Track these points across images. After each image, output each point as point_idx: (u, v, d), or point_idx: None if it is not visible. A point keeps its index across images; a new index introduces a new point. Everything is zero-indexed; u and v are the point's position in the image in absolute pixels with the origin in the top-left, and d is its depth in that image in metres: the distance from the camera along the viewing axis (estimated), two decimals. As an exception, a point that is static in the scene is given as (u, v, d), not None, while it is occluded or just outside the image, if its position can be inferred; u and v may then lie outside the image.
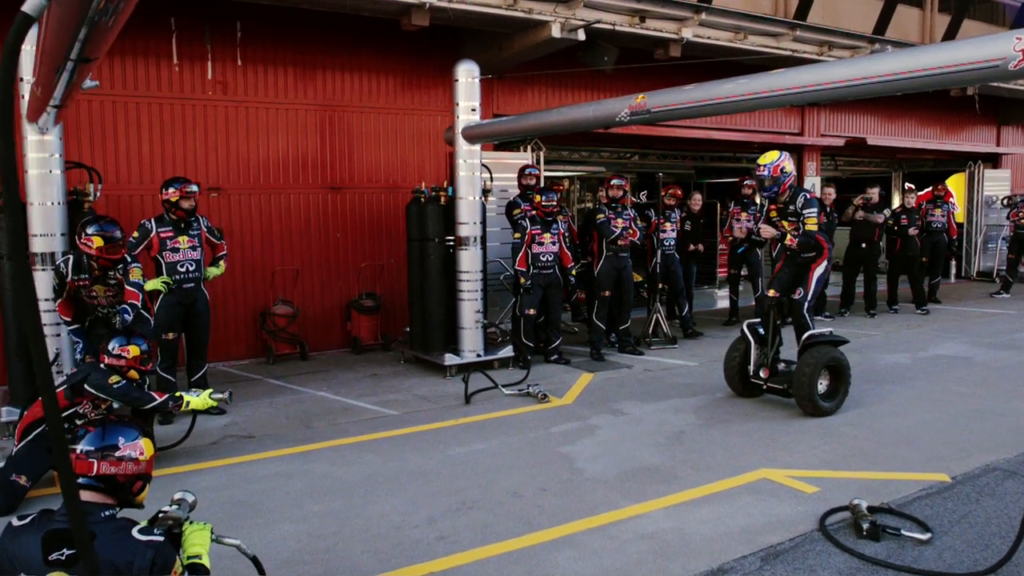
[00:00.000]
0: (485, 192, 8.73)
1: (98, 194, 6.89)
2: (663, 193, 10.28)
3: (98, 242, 5.65)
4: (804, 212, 6.57)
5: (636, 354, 9.33)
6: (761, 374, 6.94)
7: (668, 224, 10.10)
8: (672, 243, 10.19)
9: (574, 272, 8.95)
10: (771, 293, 6.91)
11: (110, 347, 5.38)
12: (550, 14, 8.80)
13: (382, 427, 6.60)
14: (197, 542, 2.91)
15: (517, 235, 8.65)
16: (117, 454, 2.70)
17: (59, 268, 5.79)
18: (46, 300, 6.04)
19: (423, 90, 10.32)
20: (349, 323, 9.97)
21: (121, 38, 8.35)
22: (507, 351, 8.75)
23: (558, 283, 8.81)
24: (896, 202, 18.42)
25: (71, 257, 5.80)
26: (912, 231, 12.16)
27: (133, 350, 5.40)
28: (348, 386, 8.07)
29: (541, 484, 5.22)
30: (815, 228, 6.56)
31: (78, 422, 5.29)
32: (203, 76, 8.95)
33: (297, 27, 9.27)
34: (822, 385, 6.66)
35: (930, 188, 13.10)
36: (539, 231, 8.58)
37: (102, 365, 5.36)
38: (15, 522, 2.59)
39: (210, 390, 5.61)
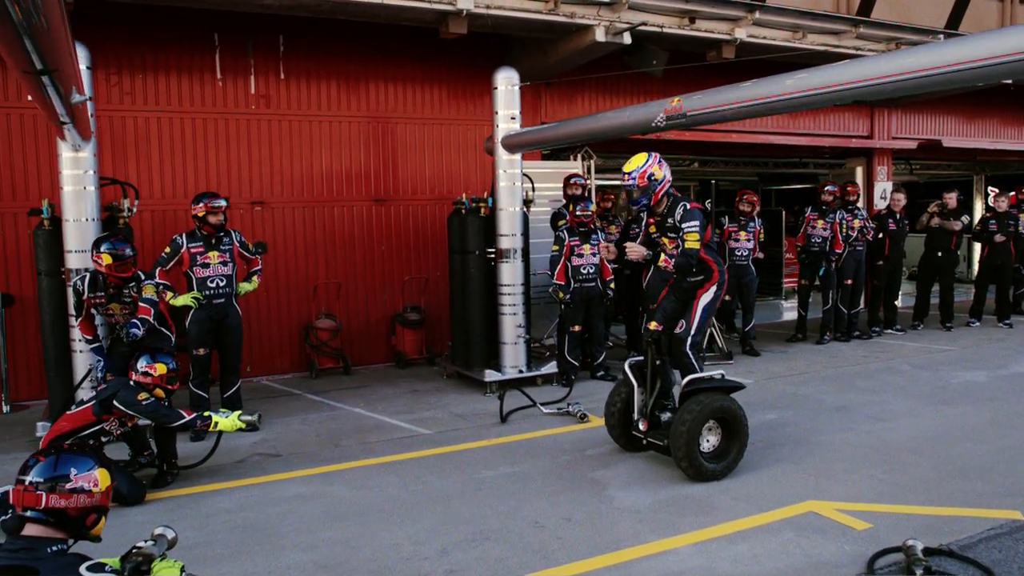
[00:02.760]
0: (527, 203, 8.47)
1: (134, 210, 6.90)
2: (737, 199, 9.83)
3: (107, 259, 5.62)
4: (683, 226, 5.40)
5: (688, 370, 8.88)
6: (640, 426, 5.67)
7: (744, 233, 9.63)
8: (746, 253, 9.70)
9: (612, 285, 8.56)
10: (652, 326, 5.68)
11: (138, 365, 5.34)
12: (593, 18, 8.49)
13: (411, 447, 6.38)
14: None
15: (555, 247, 8.34)
16: (68, 486, 2.54)
17: (76, 286, 5.78)
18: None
19: (469, 99, 10.13)
20: (394, 337, 9.83)
21: (165, 54, 8.49)
22: (550, 367, 8.45)
23: (600, 297, 8.45)
24: (978, 207, 17.40)
25: (87, 275, 5.79)
26: (999, 238, 11.34)
27: (160, 368, 5.35)
28: (386, 402, 7.89)
29: (566, 513, 4.90)
30: (697, 246, 5.35)
31: (104, 439, 5.26)
32: (246, 90, 8.96)
33: (339, 39, 9.20)
34: (708, 442, 5.41)
35: (1013, 192, 12.21)
36: (578, 242, 8.26)
37: (131, 382, 5.31)
38: None
39: (239, 412, 5.49)
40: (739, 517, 4.76)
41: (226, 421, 5.37)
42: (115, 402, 5.15)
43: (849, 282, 10.44)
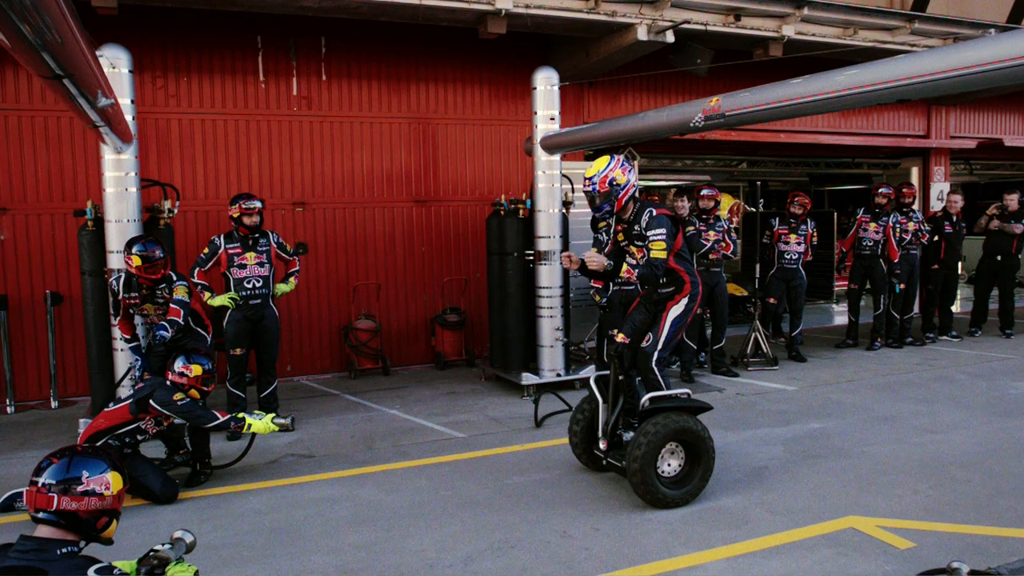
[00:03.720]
0: (566, 204, 8.37)
1: (175, 211, 6.99)
2: (788, 201, 9.58)
3: (136, 261, 5.69)
4: (649, 234, 4.98)
5: (730, 376, 8.69)
6: (600, 444, 5.29)
7: (794, 236, 9.37)
8: (796, 257, 9.43)
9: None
10: (619, 337, 5.30)
11: (175, 365, 5.39)
12: (635, 16, 8.34)
13: (444, 451, 6.33)
14: None
15: (594, 250, 8.19)
16: (80, 488, 2.53)
17: (112, 286, 5.86)
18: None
19: (510, 100, 10.07)
20: (433, 338, 9.82)
21: (209, 57, 8.61)
22: (589, 371, 8.32)
23: (641, 300, 8.28)
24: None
25: (122, 275, 5.87)
26: None
27: (195, 369, 5.39)
28: (422, 404, 7.87)
29: (595, 523, 4.79)
30: (663, 255, 4.94)
31: (139, 437, 5.32)
32: (288, 92, 9.03)
33: (379, 40, 9.22)
34: (670, 465, 4.99)
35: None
36: (620, 245, 8.10)
37: (167, 382, 5.36)
38: None
39: (273, 415, 5.48)
40: (774, 532, 4.60)
41: (259, 423, 5.38)
42: (151, 401, 5.20)
43: (902, 286, 10.08)
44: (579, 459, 5.61)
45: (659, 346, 5.17)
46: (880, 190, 10.06)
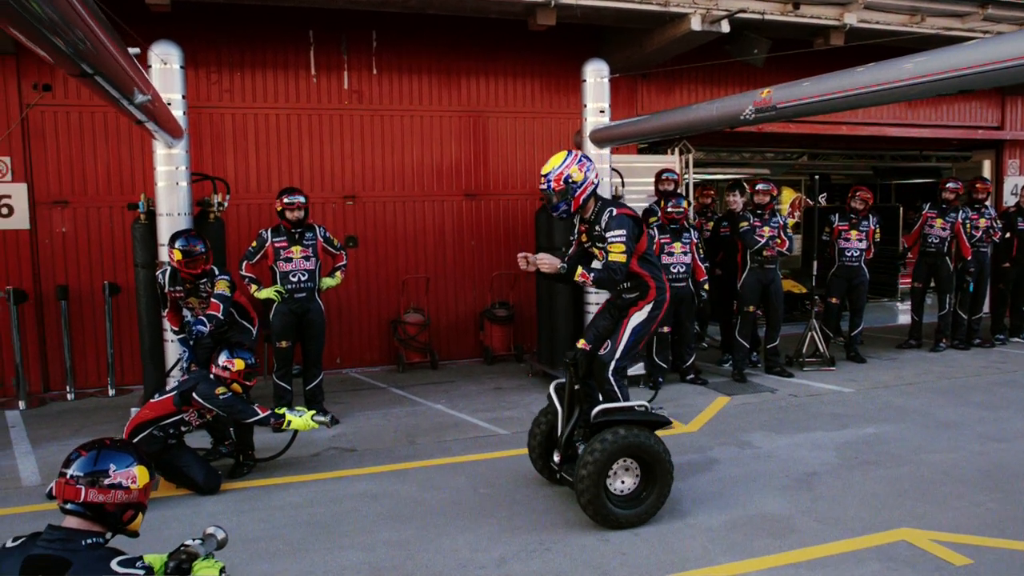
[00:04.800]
0: (616, 199, 8.20)
1: (225, 204, 7.08)
2: (848, 195, 9.25)
3: (177, 255, 5.76)
4: (607, 236, 4.62)
5: (784, 376, 8.43)
6: (555, 457, 4.97)
7: (855, 232, 9.04)
8: (858, 254, 9.09)
9: (706, 287, 8.16)
10: (580, 343, 4.98)
11: (219, 359, 5.44)
12: (688, 5, 8.11)
13: (486, 447, 6.28)
14: None
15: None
16: (107, 481, 2.56)
17: (158, 279, 5.96)
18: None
19: (562, 92, 9.94)
20: (482, 333, 9.78)
21: (262, 52, 8.71)
22: (638, 369, 8.17)
23: (691, 297, 8.09)
24: None
25: (168, 268, 5.96)
26: None
27: (238, 364, 5.43)
28: (468, 399, 7.83)
29: (634, 527, 4.67)
30: (622, 259, 4.56)
31: (183, 429, 5.39)
32: (339, 86, 9.08)
33: (430, 34, 9.19)
34: (623, 483, 4.63)
35: None
36: (668, 240, 7.93)
37: (211, 375, 5.42)
38: (8, 543, 2.52)
39: (313, 412, 5.49)
40: (821, 542, 4.41)
41: (299, 420, 5.39)
42: (194, 394, 5.27)
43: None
44: (538, 471, 5.30)
45: (617, 354, 4.80)
46: (947, 185, 9.62)
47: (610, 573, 4.09)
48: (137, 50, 3.91)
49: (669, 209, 7.93)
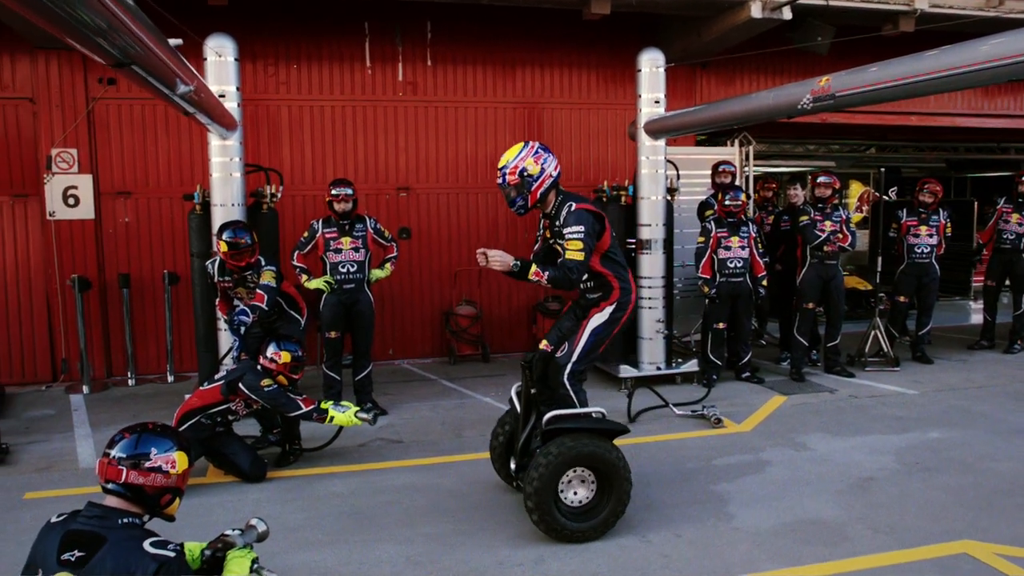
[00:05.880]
0: (671, 191, 8.03)
1: (278, 195, 7.17)
2: (917, 189, 8.87)
3: (223, 247, 5.82)
4: (565, 232, 4.33)
5: (845, 376, 8.12)
6: (511, 464, 4.77)
7: (924, 227, 8.66)
8: (928, 250, 8.71)
9: (764, 283, 7.92)
10: (542, 345, 4.71)
11: (267, 351, 5.48)
12: (748, -9, 7.87)
13: (531, 442, 6.20)
14: (234, 570, 2.82)
15: (701, 239, 7.83)
16: (147, 464, 2.63)
17: (207, 269, 6.04)
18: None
19: (618, 83, 9.77)
20: (534, 326, 9.70)
21: (318, 44, 8.78)
22: (692, 365, 8.00)
23: (748, 293, 7.86)
24: None
25: (217, 259, 6.03)
26: None
27: (284, 356, 5.46)
28: (517, 393, 7.76)
29: (677, 528, 4.54)
30: (580, 257, 4.27)
31: (230, 418, 5.46)
32: (394, 77, 9.10)
33: (485, 24, 9.13)
34: (576, 494, 4.39)
35: None
36: (725, 234, 7.71)
37: (258, 366, 5.47)
38: (53, 519, 2.61)
39: (357, 408, 5.46)
40: (875, 552, 4.21)
41: (342, 416, 5.39)
42: (240, 384, 5.32)
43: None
44: (502, 478, 5.09)
45: (573, 357, 4.52)
46: (1023, 178, 9.14)
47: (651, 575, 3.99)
48: (179, 41, 3.94)
49: (727, 202, 7.71)
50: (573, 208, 4.37)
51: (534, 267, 4.31)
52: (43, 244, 8.25)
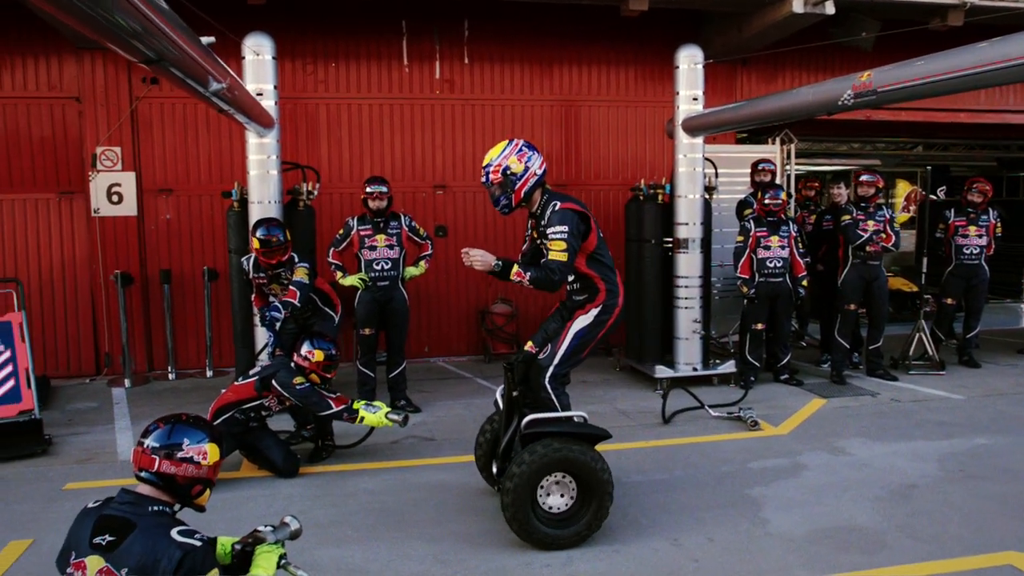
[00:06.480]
0: (709, 189, 7.92)
1: (315, 193, 7.22)
2: (965, 188, 8.64)
3: (255, 243, 5.86)
4: (548, 232, 4.22)
5: (887, 379, 7.93)
6: (493, 467, 4.67)
7: (974, 228, 8.42)
8: (977, 251, 8.46)
9: (805, 282, 7.75)
10: (527, 346, 4.60)
11: (301, 348, 5.51)
12: (790, -14, 7.71)
13: (563, 442, 6.15)
14: (261, 564, 2.83)
15: (740, 238, 7.70)
16: (179, 455, 2.67)
17: (242, 265, 6.10)
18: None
19: (656, 80, 9.67)
20: (570, 325, 9.63)
21: (355, 43, 8.83)
22: (729, 366, 7.88)
23: (788, 293, 7.71)
24: None
25: (252, 255, 6.09)
26: None
27: (318, 355, 5.48)
28: (551, 392, 7.71)
29: (710, 532, 4.47)
30: (562, 257, 4.17)
31: (264, 414, 5.51)
32: (431, 76, 9.11)
33: (522, 22, 9.10)
34: (558, 500, 4.29)
35: None
36: (765, 233, 7.57)
37: (292, 364, 5.51)
38: (90, 504, 2.66)
39: (388, 409, 5.47)
40: (914, 561, 4.09)
41: (373, 417, 5.39)
42: (273, 381, 5.36)
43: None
44: (486, 480, 4.98)
45: (555, 360, 4.40)
46: None
47: (679, 580, 3.92)
48: (211, 39, 3.97)
49: (766, 201, 7.57)
50: (557, 207, 4.26)
51: (515, 267, 4.21)
52: (88, 240, 8.43)
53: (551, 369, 4.40)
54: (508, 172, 4.27)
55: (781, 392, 7.58)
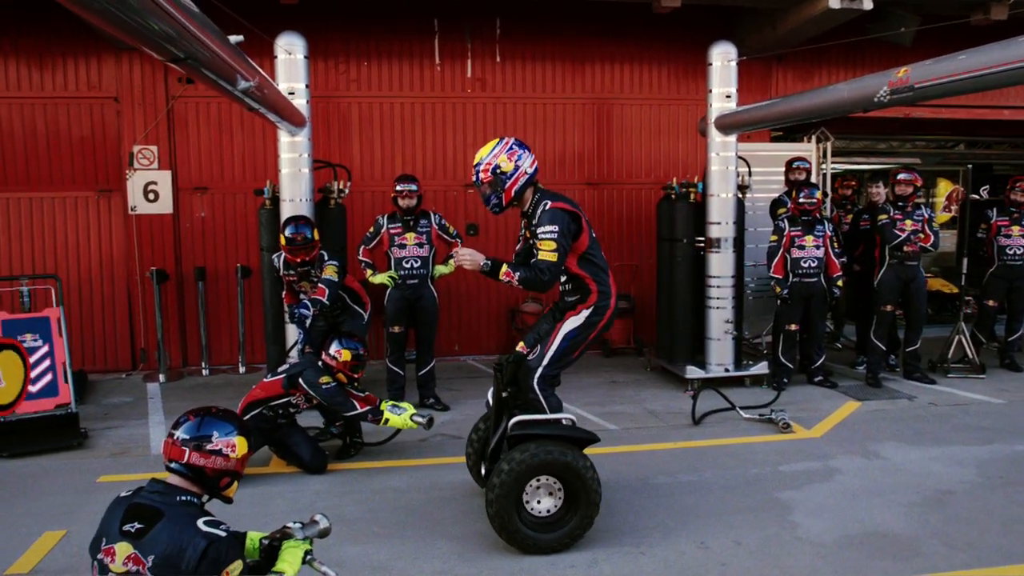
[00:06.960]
0: (742, 188, 7.81)
1: (346, 191, 7.27)
2: (1008, 187, 8.43)
3: (283, 241, 5.89)
4: (538, 232, 4.15)
5: (925, 382, 7.76)
6: (482, 468, 4.59)
7: (1017, 228, 8.21)
8: (1022, 252, 8.23)
9: (839, 283, 7.61)
10: (519, 346, 4.49)
11: (330, 348, 5.53)
12: (826, -19, 7.56)
13: (591, 442, 6.11)
14: (287, 559, 2.88)
15: (774, 237, 7.58)
16: (208, 447, 2.71)
17: (273, 262, 6.15)
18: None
19: (689, 77, 9.58)
20: (601, 324, 9.58)
21: (388, 42, 8.86)
22: (761, 367, 7.77)
23: (823, 294, 7.57)
24: None
25: (282, 253, 6.13)
26: None
27: (345, 354, 5.49)
28: (580, 392, 7.68)
29: (738, 535, 4.40)
30: (552, 257, 4.10)
31: (292, 411, 5.54)
32: (463, 74, 9.12)
33: (554, 20, 9.07)
34: (544, 504, 4.24)
35: None
36: (799, 233, 7.45)
37: (320, 363, 5.54)
38: (123, 493, 2.72)
39: (413, 411, 5.48)
40: (950, 570, 3.99)
41: (398, 418, 5.40)
42: (300, 379, 5.39)
43: None
44: (476, 481, 4.91)
45: (544, 361, 4.32)
46: None
47: (706, 584, 3.87)
48: (240, 37, 4.01)
49: (801, 200, 7.44)
50: (548, 207, 4.19)
51: (504, 267, 4.16)
52: (125, 238, 8.57)
53: (540, 370, 4.33)
54: (498, 171, 4.24)
55: (815, 394, 7.46)
